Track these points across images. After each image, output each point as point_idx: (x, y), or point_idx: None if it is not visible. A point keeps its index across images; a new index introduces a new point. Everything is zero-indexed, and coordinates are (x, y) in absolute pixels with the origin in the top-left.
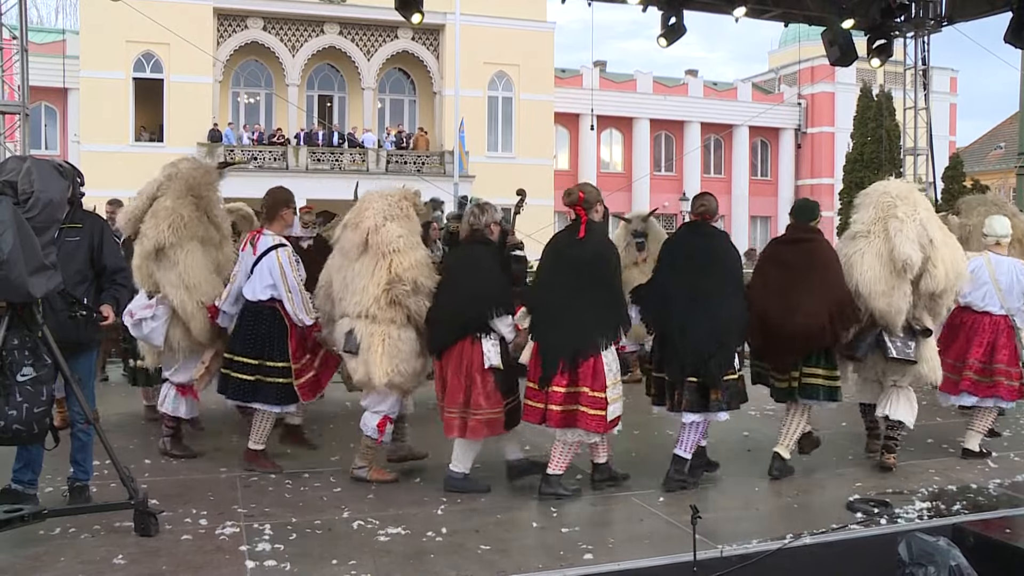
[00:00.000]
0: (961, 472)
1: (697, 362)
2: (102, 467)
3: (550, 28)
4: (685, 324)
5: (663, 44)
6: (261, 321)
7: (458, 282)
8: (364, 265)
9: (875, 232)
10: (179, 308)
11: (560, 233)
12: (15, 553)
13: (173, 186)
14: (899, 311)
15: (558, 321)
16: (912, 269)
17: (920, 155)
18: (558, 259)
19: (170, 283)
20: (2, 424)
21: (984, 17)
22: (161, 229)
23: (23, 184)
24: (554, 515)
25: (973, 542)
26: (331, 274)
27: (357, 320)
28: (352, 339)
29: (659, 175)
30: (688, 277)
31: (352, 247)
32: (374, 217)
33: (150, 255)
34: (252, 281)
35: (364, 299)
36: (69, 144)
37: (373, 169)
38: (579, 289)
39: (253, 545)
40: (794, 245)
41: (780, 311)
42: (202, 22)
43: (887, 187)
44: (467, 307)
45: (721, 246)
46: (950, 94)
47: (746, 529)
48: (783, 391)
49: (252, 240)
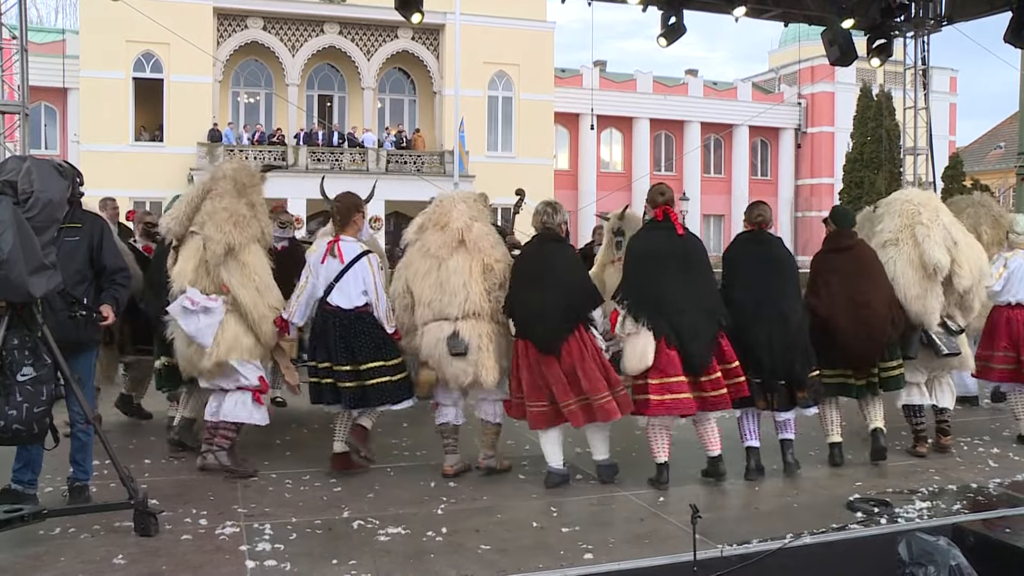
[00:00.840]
0: (961, 472)
1: (786, 366)
2: (102, 467)
3: (550, 28)
4: (771, 331)
5: (663, 44)
6: (366, 325)
7: (548, 277)
8: (459, 263)
9: (903, 239)
10: (252, 309)
11: (650, 232)
12: (15, 553)
13: (225, 187)
14: (933, 311)
15: (684, 310)
16: (943, 272)
17: (920, 155)
18: (662, 255)
19: (241, 284)
20: (2, 424)
21: (984, 17)
22: (227, 230)
23: (23, 184)
24: (554, 515)
25: (973, 542)
26: (409, 281)
27: (461, 321)
28: (459, 341)
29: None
30: (763, 284)
31: (442, 247)
32: (461, 218)
33: (219, 258)
34: (344, 288)
35: (470, 297)
36: (69, 144)
37: (373, 169)
38: (690, 282)
39: (253, 545)
40: (844, 253)
41: (851, 319)
42: (202, 22)
43: (908, 195)
44: (569, 300)
45: (784, 252)
46: (950, 94)
47: (746, 529)
48: (862, 387)
49: (332, 248)
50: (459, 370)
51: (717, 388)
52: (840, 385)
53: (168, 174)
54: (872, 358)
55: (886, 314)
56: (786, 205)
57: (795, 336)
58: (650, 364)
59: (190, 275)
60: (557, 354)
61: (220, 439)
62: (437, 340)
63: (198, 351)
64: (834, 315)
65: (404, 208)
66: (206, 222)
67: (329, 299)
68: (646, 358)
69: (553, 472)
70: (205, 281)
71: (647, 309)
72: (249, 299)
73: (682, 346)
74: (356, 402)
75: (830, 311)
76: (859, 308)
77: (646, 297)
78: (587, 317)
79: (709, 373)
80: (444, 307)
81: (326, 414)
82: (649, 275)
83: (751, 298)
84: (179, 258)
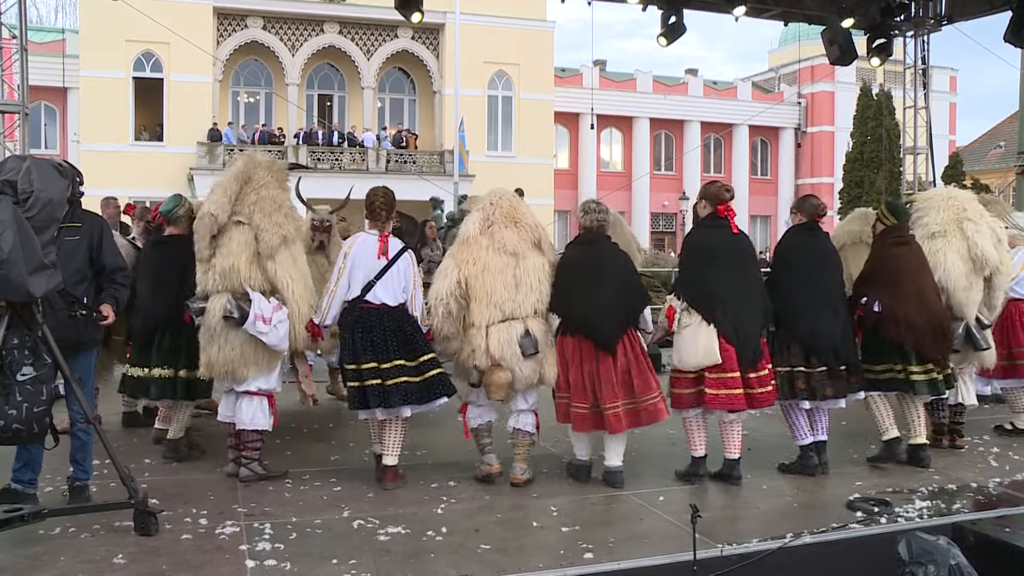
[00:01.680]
0: (961, 471)
1: (846, 352)
2: (102, 467)
3: (550, 27)
4: (832, 319)
5: (663, 43)
6: (408, 321)
7: (607, 275)
8: (535, 262)
9: (951, 232)
10: (299, 303)
11: (708, 228)
12: (15, 553)
13: (265, 177)
14: (974, 304)
15: (741, 308)
16: (991, 266)
17: (920, 154)
18: (722, 253)
19: (292, 278)
20: (2, 424)
21: (984, 16)
22: (280, 220)
23: (23, 183)
24: (554, 514)
25: (973, 541)
26: (472, 280)
27: (532, 319)
28: (531, 341)
29: (659, 174)
30: (818, 275)
31: (519, 243)
32: (530, 215)
33: (275, 249)
34: (388, 284)
35: (543, 295)
36: (69, 143)
37: (373, 168)
38: (744, 280)
39: (253, 544)
40: (907, 246)
41: (925, 313)
42: (202, 21)
43: (951, 192)
44: (628, 299)
45: (832, 246)
46: (950, 93)
47: (746, 529)
48: (932, 383)
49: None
50: (529, 371)
51: (764, 385)
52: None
53: (168, 174)
54: (947, 350)
55: (944, 308)
56: (786, 205)
57: (847, 326)
58: (718, 359)
59: (244, 270)
60: (614, 352)
61: (249, 451)
62: (509, 340)
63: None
64: (911, 309)
65: (404, 208)
66: (253, 212)
67: (369, 296)
68: (713, 353)
69: (576, 464)
70: (259, 277)
71: (707, 304)
72: (299, 293)
73: (738, 342)
74: (404, 399)
75: (905, 305)
76: (926, 304)
77: (705, 292)
78: (639, 316)
79: (758, 370)
80: (516, 306)
81: (325, 414)
82: (707, 271)
83: (812, 288)
84: (225, 251)
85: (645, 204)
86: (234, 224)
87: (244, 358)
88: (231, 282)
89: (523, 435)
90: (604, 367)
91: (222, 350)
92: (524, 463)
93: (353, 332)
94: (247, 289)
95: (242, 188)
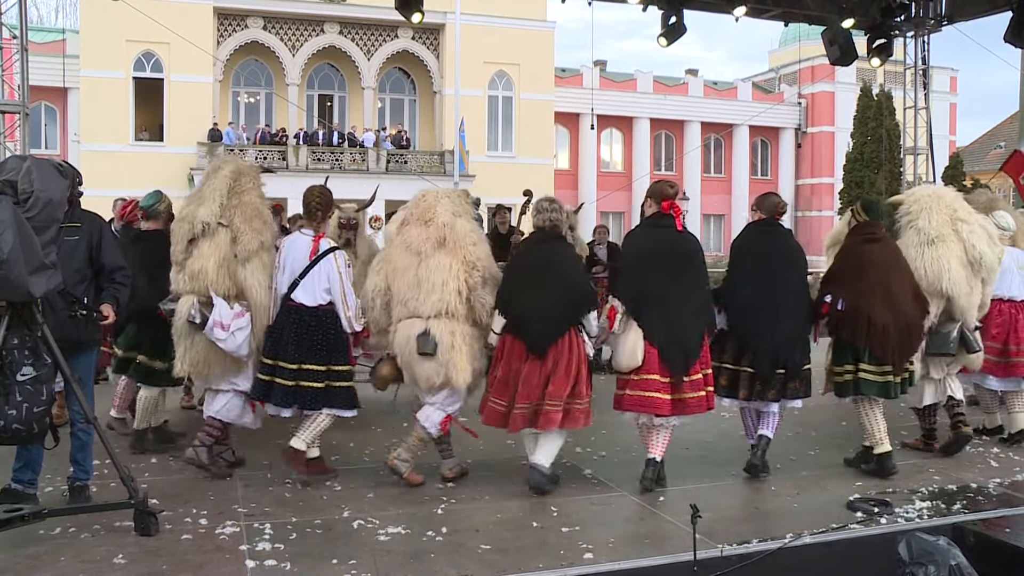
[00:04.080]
0: (961, 471)
1: (788, 355)
2: (102, 467)
3: (550, 27)
4: (776, 320)
5: (663, 43)
6: (323, 325)
7: (550, 276)
8: (440, 261)
9: (948, 237)
10: (263, 312)
11: (651, 228)
12: (15, 553)
13: (249, 183)
14: (975, 307)
15: (674, 310)
16: (987, 267)
17: (920, 154)
18: (660, 253)
19: (259, 284)
20: (2, 424)
21: (984, 16)
22: (259, 227)
23: (23, 183)
24: (554, 515)
25: (973, 541)
26: (388, 278)
27: (434, 320)
28: (429, 340)
29: (659, 175)
30: (772, 274)
31: (424, 242)
32: (445, 214)
33: (252, 253)
34: (308, 284)
35: (445, 295)
36: (69, 143)
37: (373, 168)
38: (685, 281)
39: (253, 544)
40: (878, 244)
41: (891, 312)
42: (202, 21)
43: (939, 192)
44: (569, 301)
45: (795, 245)
46: (950, 93)
47: (746, 529)
48: (893, 385)
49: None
50: (430, 371)
51: (696, 391)
52: (882, 385)
53: (168, 174)
54: (910, 353)
55: (916, 309)
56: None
57: (800, 327)
58: (640, 362)
59: (212, 274)
60: (544, 355)
61: (203, 435)
62: (408, 338)
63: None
64: (871, 310)
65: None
66: (234, 216)
67: (293, 295)
68: (636, 355)
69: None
70: (228, 282)
71: (639, 306)
72: (264, 301)
73: (665, 346)
74: (287, 400)
75: (866, 305)
76: (894, 304)
77: (637, 292)
78: (582, 319)
79: (690, 375)
80: (419, 305)
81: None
82: (641, 270)
83: (759, 286)
84: (197, 253)
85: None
86: (217, 226)
87: (208, 360)
88: (199, 285)
89: (421, 430)
90: (530, 368)
91: (188, 352)
92: (407, 452)
93: (275, 328)
94: (212, 294)
95: (229, 193)
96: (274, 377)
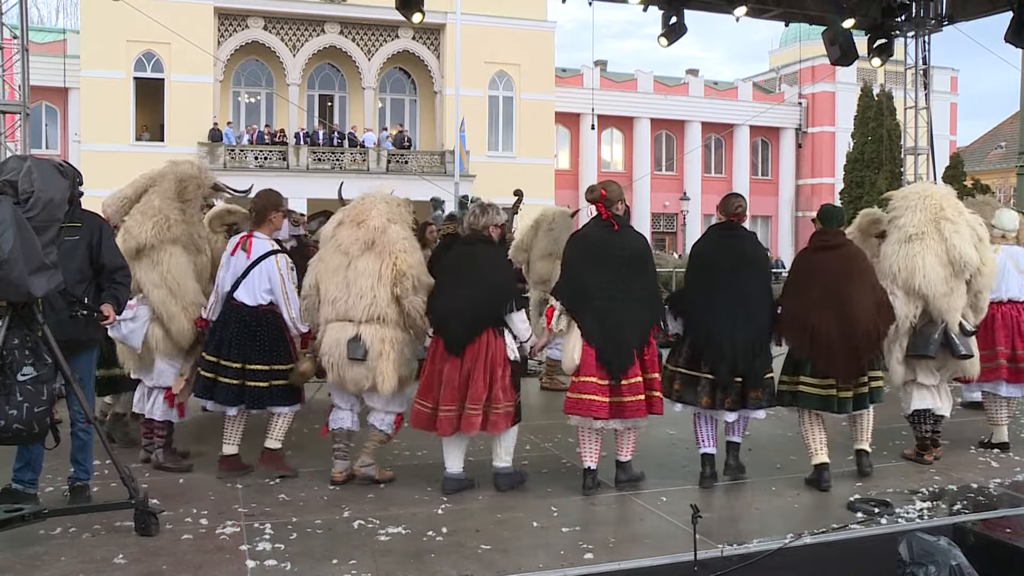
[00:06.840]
0: (961, 472)
1: (745, 363)
2: (102, 467)
3: (551, 27)
4: (734, 326)
5: (664, 43)
6: (264, 325)
7: (468, 278)
8: (368, 264)
9: (928, 234)
10: (160, 307)
11: (590, 228)
12: (15, 553)
13: (164, 186)
14: (957, 309)
15: (616, 312)
16: (971, 269)
17: (921, 155)
18: (598, 254)
19: (152, 283)
20: (2, 424)
21: (984, 16)
22: (144, 229)
23: (24, 183)
24: (554, 515)
25: (974, 541)
26: (319, 277)
27: (365, 325)
28: (359, 346)
29: (660, 174)
30: (732, 279)
31: (353, 244)
32: (379, 217)
33: (131, 254)
34: (249, 285)
35: (375, 300)
36: (70, 144)
37: (374, 168)
38: (627, 281)
39: (253, 544)
40: (830, 251)
41: (838, 323)
42: (203, 21)
43: (927, 190)
44: (485, 301)
45: (758, 249)
46: (950, 93)
47: (746, 529)
48: (852, 400)
49: (244, 244)
50: (359, 375)
51: (635, 394)
52: (823, 398)
53: None
54: (856, 368)
55: (873, 321)
56: (787, 205)
57: (760, 335)
58: (578, 363)
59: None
60: (460, 355)
61: (156, 438)
62: (337, 342)
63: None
64: (817, 320)
65: None
66: (133, 215)
67: (235, 295)
68: (575, 357)
69: (450, 478)
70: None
71: (576, 306)
72: (158, 298)
73: (602, 348)
74: (233, 399)
75: (811, 315)
76: (844, 314)
77: (576, 293)
78: (504, 321)
79: (628, 378)
80: (349, 308)
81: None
82: (581, 270)
83: (718, 292)
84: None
85: (646, 204)
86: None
87: (122, 352)
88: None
89: (375, 431)
90: (450, 369)
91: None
92: (369, 457)
93: (217, 325)
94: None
95: (143, 192)
96: (217, 375)
